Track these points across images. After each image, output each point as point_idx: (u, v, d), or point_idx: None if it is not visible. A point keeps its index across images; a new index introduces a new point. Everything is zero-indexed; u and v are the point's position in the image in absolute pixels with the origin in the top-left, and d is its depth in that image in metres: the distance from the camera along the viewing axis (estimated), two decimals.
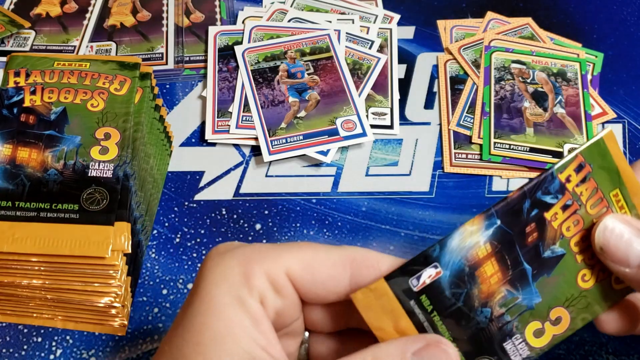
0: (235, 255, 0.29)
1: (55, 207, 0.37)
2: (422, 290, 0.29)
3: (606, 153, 0.32)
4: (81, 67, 0.44)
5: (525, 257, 0.31)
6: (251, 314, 0.28)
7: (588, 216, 0.32)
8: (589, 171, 0.32)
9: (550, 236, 0.31)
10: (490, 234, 0.30)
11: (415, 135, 0.53)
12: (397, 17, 0.60)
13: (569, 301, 0.32)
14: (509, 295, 0.30)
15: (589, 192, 0.32)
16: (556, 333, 0.32)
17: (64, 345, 0.41)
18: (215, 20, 0.60)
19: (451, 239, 0.29)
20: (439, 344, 0.28)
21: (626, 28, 0.61)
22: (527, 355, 0.31)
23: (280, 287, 0.29)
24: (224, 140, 0.51)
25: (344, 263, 0.29)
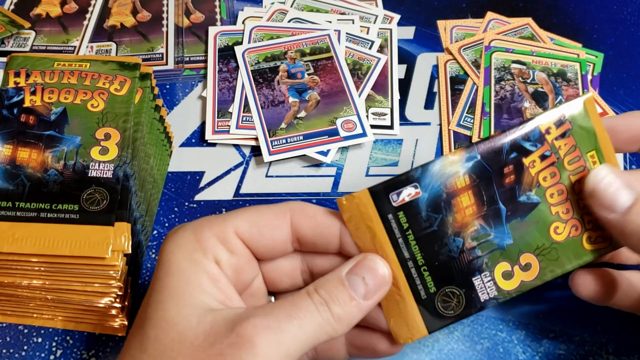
0: (187, 226, 0.32)
1: (55, 207, 0.37)
2: (400, 206, 0.31)
3: (586, 114, 0.33)
4: (81, 67, 0.44)
5: (501, 197, 0.32)
6: (207, 273, 0.30)
7: (565, 171, 0.33)
8: (568, 128, 0.33)
9: (527, 182, 0.32)
10: (470, 166, 0.31)
11: (416, 136, 0.53)
12: (397, 18, 0.60)
13: (539, 249, 0.33)
14: (482, 230, 0.32)
15: (567, 148, 0.33)
16: (525, 280, 0.33)
17: (64, 345, 0.41)
18: (215, 20, 0.60)
19: (433, 164, 0.31)
20: (365, 258, 0.31)
21: (626, 28, 0.61)
22: (494, 296, 0.32)
23: (232, 245, 0.32)
24: (224, 140, 0.51)
25: (284, 213, 0.32)
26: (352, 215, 0.31)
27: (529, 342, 0.42)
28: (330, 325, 0.29)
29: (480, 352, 0.41)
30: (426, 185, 0.31)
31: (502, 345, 0.42)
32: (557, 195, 0.33)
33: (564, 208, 0.33)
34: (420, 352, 0.41)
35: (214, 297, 0.30)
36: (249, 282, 0.34)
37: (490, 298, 0.32)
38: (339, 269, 0.31)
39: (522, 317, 0.43)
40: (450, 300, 0.32)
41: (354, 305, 0.30)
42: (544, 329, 0.42)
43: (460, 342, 0.42)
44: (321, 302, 0.29)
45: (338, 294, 0.30)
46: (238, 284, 0.32)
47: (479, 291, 0.32)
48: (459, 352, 0.41)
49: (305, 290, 0.30)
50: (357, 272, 0.31)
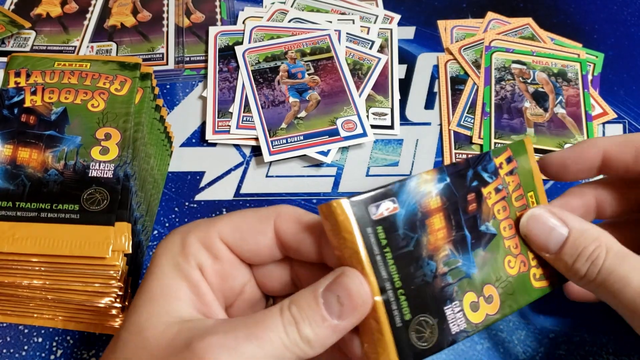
0: (177, 230, 0.32)
1: (55, 207, 0.37)
2: (379, 220, 0.29)
3: (525, 155, 0.35)
4: (82, 67, 0.44)
5: (466, 224, 0.32)
6: (187, 279, 0.30)
7: (512, 207, 0.34)
8: (515, 166, 0.34)
9: (485, 212, 0.33)
10: (441, 188, 0.31)
11: (416, 136, 0.53)
12: (398, 18, 0.60)
13: (498, 282, 0.33)
14: (452, 256, 0.31)
15: (514, 185, 0.34)
16: (489, 313, 0.32)
17: (64, 345, 0.41)
18: (215, 20, 0.60)
19: (410, 181, 0.30)
20: (343, 274, 0.29)
21: (627, 28, 0.61)
22: (464, 328, 0.31)
23: (215, 250, 0.31)
24: (224, 140, 0.51)
25: (269, 217, 0.32)
26: (332, 224, 0.29)
27: (530, 343, 0.42)
28: (297, 347, 0.27)
29: (481, 352, 0.41)
30: (403, 201, 0.30)
31: (503, 345, 0.42)
32: (508, 229, 0.33)
33: (514, 243, 0.33)
34: None
35: (191, 304, 0.29)
36: (240, 288, 0.33)
37: (460, 330, 0.31)
38: (316, 283, 0.29)
39: (522, 318, 0.43)
40: (424, 331, 0.30)
41: (326, 327, 0.27)
42: (544, 330, 0.42)
43: (461, 342, 0.42)
44: (290, 321, 0.27)
45: (310, 313, 0.27)
46: (226, 290, 0.32)
47: (450, 322, 0.30)
48: (459, 352, 0.41)
49: (279, 305, 0.28)
50: (333, 289, 0.28)
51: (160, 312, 0.29)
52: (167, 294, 0.29)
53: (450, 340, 0.30)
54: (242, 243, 0.31)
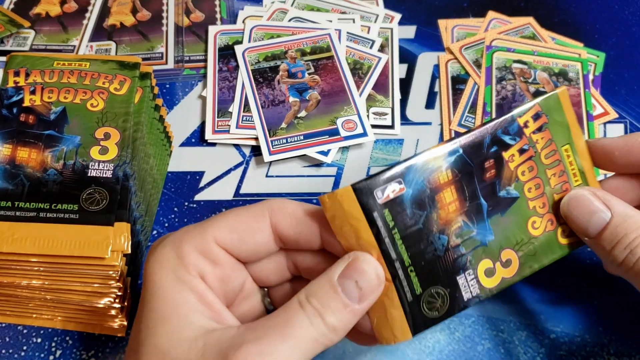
0: (167, 242, 0.30)
1: (54, 207, 0.37)
2: (385, 203, 0.29)
3: (560, 108, 0.33)
4: (81, 66, 0.44)
5: (483, 192, 0.31)
6: (193, 290, 0.29)
7: (542, 165, 0.33)
8: (545, 122, 0.33)
9: (507, 176, 0.32)
10: (452, 161, 0.31)
11: (416, 135, 0.52)
12: (398, 17, 0.60)
13: (518, 245, 0.33)
14: (465, 227, 0.31)
15: (544, 142, 0.33)
16: (505, 276, 0.32)
17: (63, 345, 0.41)
18: (215, 19, 0.59)
19: (417, 159, 0.30)
20: (357, 259, 0.29)
21: (628, 28, 0.61)
22: (476, 294, 0.31)
23: (214, 256, 0.31)
24: (224, 140, 0.51)
25: (263, 213, 0.31)
26: (336, 214, 0.30)
27: (530, 343, 0.42)
28: (325, 337, 0.28)
29: (482, 353, 0.41)
30: (410, 180, 0.30)
31: (504, 346, 0.42)
32: (534, 190, 0.33)
33: (541, 202, 0.33)
34: (421, 352, 0.41)
35: (203, 314, 0.29)
36: (239, 288, 0.33)
37: (473, 297, 0.31)
38: (329, 272, 0.29)
39: (523, 318, 0.43)
40: (435, 301, 0.31)
41: (349, 312, 0.28)
42: (545, 330, 0.42)
43: (462, 343, 0.42)
44: (314, 313, 0.28)
45: (331, 302, 0.28)
46: (228, 293, 0.32)
47: (462, 290, 0.31)
48: (459, 353, 0.41)
49: (297, 300, 0.29)
50: (349, 275, 0.29)
51: (178, 329, 0.28)
52: (179, 309, 0.28)
53: (462, 306, 0.31)
54: (240, 244, 0.31)
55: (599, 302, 0.44)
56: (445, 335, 0.42)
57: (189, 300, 0.29)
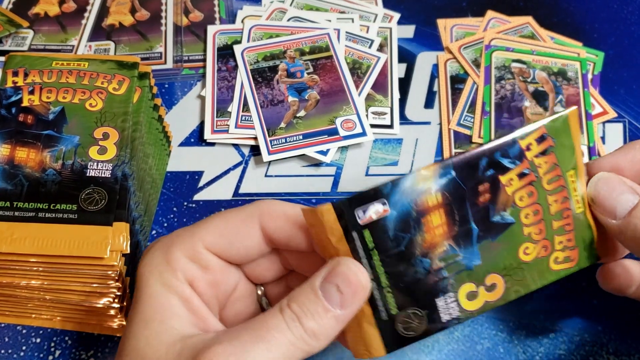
0: (158, 246, 0.31)
1: (53, 207, 0.37)
2: (366, 225, 0.28)
3: (568, 131, 0.32)
4: (79, 66, 0.44)
5: (474, 217, 0.30)
6: (179, 296, 0.29)
7: (543, 191, 0.32)
8: (550, 145, 0.31)
9: (502, 201, 0.31)
10: (443, 183, 0.29)
11: (416, 135, 0.52)
12: (397, 16, 0.60)
13: (506, 270, 0.32)
14: (451, 251, 0.30)
15: (548, 166, 0.32)
16: (489, 300, 0.31)
17: (62, 346, 0.41)
18: (214, 19, 0.59)
19: (404, 180, 0.28)
20: (339, 264, 0.29)
21: (627, 27, 0.61)
22: (456, 316, 0.31)
23: (204, 261, 0.30)
24: (223, 140, 0.51)
25: (252, 216, 0.31)
26: (317, 229, 0.29)
27: (529, 342, 0.42)
28: (304, 342, 0.27)
29: (481, 352, 0.41)
30: (395, 202, 0.28)
31: (503, 345, 0.42)
32: (532, 216, 0.32)
33: (537, 229, 0.32)
34: (420, 352, 0.41)
35: (187, 320, 0.29)
36: (231, 290, 0.33)
37: (452, 318, 0.30)
38: (312, 277, 0.29)
39: (522, 317, 0.43)
40: (411, 322, 0.30)
41: (330, 317, 0.28)
42: (544, 329, 0.42)
43: (461, 343, 0.42)
44: (292, 317, 0.27)
45: (311, 306, 0.28)
46: (219, 295, 0.31)
47: (441, 312, 0.30)
48: (459, 352, 0.41)
49: (278, 305, 0.28)
50: (330, 279, 0.28)
51: (158, 333, 0.28)
52: (162, 314, 0.29)
53: (439, 327, 0.30)
54: (230, 248, 0.31)
55: (599, 301, 0.44)
56: (445, 335, 0.42)
57: (173, 305, 0.29)
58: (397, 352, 0.41)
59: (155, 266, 0.30)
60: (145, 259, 0.31)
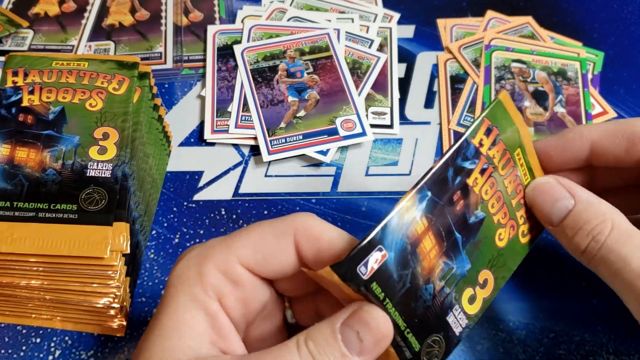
0: (192, 255, 0.30)
1: (53, 207, 0.37)
2: (371, 277, 0.28)
3: (506, 113, 0.33)
4: (79, 66, 0.44)
5: (456, 226, 0.31)
6: (206, 311, 0.28)
7: (500, 177, 0.33)
8: (497, 134, 0.33)
9: (473, 202, 0.32)
10: (424, 207, 0.30)
11: (415, 135, 0.52)
12: (397, 16, 0.60)
13: (491, 262, 0.32)
14: (446, 267, 0.30)
15: (499, 154, 0.33)
16: (485, 296, 0.32)
17: (62, 346, 0.41)
18: (214, 19, 0.59)
19: (391, 219, 0.28)
20: (361, 309, 0.28)
21: (627, 27, 0.61)
22: (465, 325, 0.31)
23: (236, 277, 0.29)
24: (223, 140, 0.51)
25: (288, 234, 0.30)
26: (326, 284, 0.29)
27: (530, 342, 0.42)
28: None
29: (481, 352, 0.41)
30: (389, 244, 0.28)
31: (502, 345, 0.42)
32: (496, 204, 0.33)
33: (502, 213, 0.33)
34: None
35: (207, 338, 0.28)
36: (261, 308, 0.32)
37: (463, 329, 0.31)
38: (333, 317, 0.28)
39: (522, 317, 0.43)
40: (433, 349, 0.30)
41: None
42: (544, 329, 0.42)
43: (461, 343, 0.42)
44: (308, 357, 0.26)
45: (328, 349, 0.27)
46: (248, 313, 0.31)
47: (454, 327, 0.31)
48: (459, 352, 0.41)
49: (295, 339, 0.27)
50: (351, 324, 0.27)
51: (174, 349, 0.27)
52: (182, 329, 0.28)
53: (456, 341, 0.31)
54: (265, 264, 0.30)
55: (598, 301, 0.44)
56: None
57: (197, 320, 0.28)
58: None
59: (186, 278, 0.29)
60: (178, 268, 0.30)
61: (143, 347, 0.28)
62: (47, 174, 0.39)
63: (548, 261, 0.45)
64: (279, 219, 0.31)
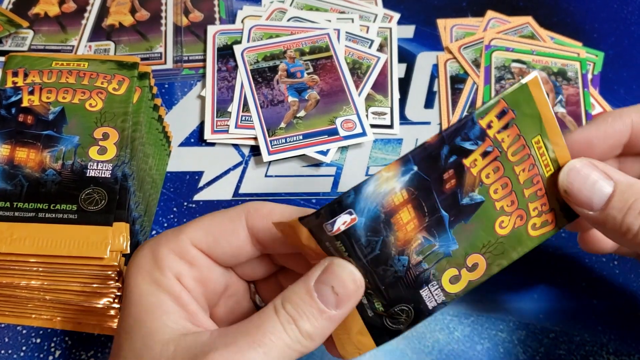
0: (146, 245, 0.31)
1: (53, 207, 0.37)
2: (337, 236, 0.28)
3: (530, 99, 0.31)
4: (79, 66, 0.44)
5: (443, 204, 0.30)
6: (169, 292, 0.29)
7: (509, 163, 0.31)
8: (512, 117, 0.31)
9: (469, 183, 0.31)
10: (406, 180, 0.29)
11: (416, 135, 0.52)
12: (397, 16, 0.60)
13: (485, 247, 0.31)
14: (426, 243, 0.30)
15: (510, 139, 0.31)
16: (472, 279, 0.31)
17: (62, 346, 0.41)
18: (214, 19, 0.59)
19: (366, 185, 0.28)
20: (332, 264, 0.28)
21: (627, 27, 0.61)
22: (441, 301, 0.31)
23: (191, 258, 0.30)
24: (223, 140, 0.51)
25: (239, 216, 0.31)
26: (292, 239, 0.29)
27: (530, 343, 0.42)
28: (299, 344, 0.27)
29: (481, 353, 0.41)
30: (362, 209, 0.28)
31: (503, 345, 0.42)
32: (501, 190, 0.31)
33: (509, 201, 0.32)
34: (421, 352, 0.41)
35: (179, 315, 0.29)
36: (221, 289, 0.32)
37: (438, 304, 0.31)
38: (306, 277, 0.28)
39: (522, 318, 0.43)
40: (400, 316, 0.30)
41: (325, 318, 0.28)
42: (544, 329, 0.42)
43: (461, 343, 0.42)
44: (288, 320, 0.27)
45: (306, 308, 0.27)
46: (208, 294, 0.31)
47: (427, 301, 0.30)
48: (459, 353, 0.41)
49: (272, 305, 0.28)
50: (325, 280, 0.28)
51: (152, 332, 0.28)
52: (153, 312, 0.28)
53: (426, 314, 0.31)
54: (216, 246, 0.31)
55: (599, 301, 0.44)
56: (445, 335, 0.42)
57: (164, 302, 0.29)
58: (397, 353, 0.41)
59: (143, 265, 0.30)
60: (133, 260, 0.30)
61: (122, 338, 0.29)
62: (47, 174, 0.39)
63: (548, 261, 0.45)
64: (231, 207, 0.32)
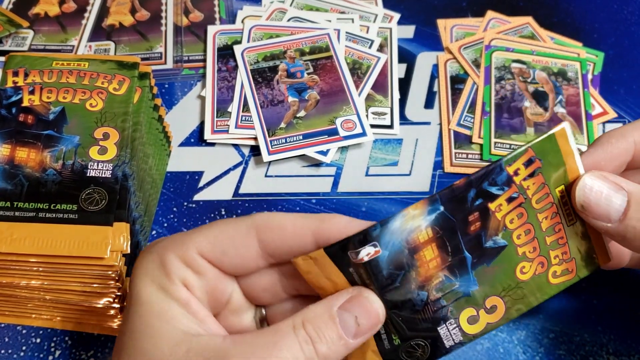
0: (153, 249, 0.30)
1: (53, 207, 0.37)
2: (359, 265, 0.29)
3: (557, 149, 0.32)
4: (80, 66, 0.44)
5: (467, 246, 0.31)
6: (177, 298, 0.29)
7: (533, 210, 0.32)
8: (538, 166, 0.32)
9: (494, 227, 0.31)
10: (432, 219, 0.30)
11: (416, 135, 0.52)
12: (397, 16, 0.60)
13: (505, 291, 0.32)
14: (447, 281, 0.30)
15: (535, 187, 0.32)
16: (490, 321, 0.32)
17: (62, 346, 0.41)
18: (214, 19, 0.59)
19: (393, 221, 0.29)
20: (360, 295, 0.29)
21: (627, 27, 0.61)
22: (459, 341, 0.31)
23: (197, 267, 0.30)
24: (223, 140, 0.51)
25: (249, 229, 0.30)
26: (311, 271, 0.30)
27: (529, 343, 0.42)
28: None
29: (481, 353, 0.41)
30: (386, 243, 0.29)
31: (502, 345, 0.42)
32: (524, 236, 0.32)
33: (531, 247, 0.32)
34: None
35: (188, 320, 0.29)
36: (226, 300, 0.32)
37: (455, 343, 0.31)
38: (329, 300, 0.29)
39: (522, 317, 0.43)
40: (415, 351, 0.30)
41: (342, 345, 0.28)
42: (544, 330, 0.42)
43: None
44: (307, 340, 0.27)
45: (327, 331, 0.28)
46: (213, 303, 0.31)
47: (444, 339, 0.31)
48: (459, 352, 0.41)
49: (291, 322, 0.28)
50: (350, 308, 0.28)
51: (161, 333, 0.28)
52: (162, 316, 0.28)
53: (444, 352, 0.31)
54: (224, 257, 0.30)
55: (599, 301, 0.44)
56: None
57: (172, 308, 0.29)
58: None
59: (150, 270, 0.29)
60: (139, 263, 0.30)
61: (127, 338, 0.28)
62: (47, 174, 0.39)
63: None
64: (239, 217, 0.31)
